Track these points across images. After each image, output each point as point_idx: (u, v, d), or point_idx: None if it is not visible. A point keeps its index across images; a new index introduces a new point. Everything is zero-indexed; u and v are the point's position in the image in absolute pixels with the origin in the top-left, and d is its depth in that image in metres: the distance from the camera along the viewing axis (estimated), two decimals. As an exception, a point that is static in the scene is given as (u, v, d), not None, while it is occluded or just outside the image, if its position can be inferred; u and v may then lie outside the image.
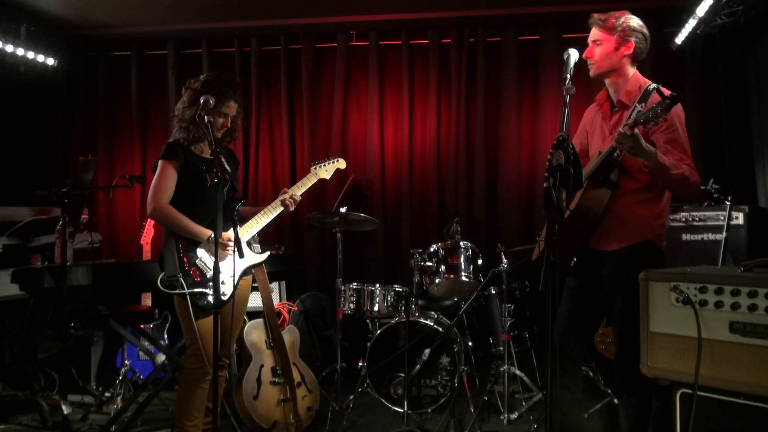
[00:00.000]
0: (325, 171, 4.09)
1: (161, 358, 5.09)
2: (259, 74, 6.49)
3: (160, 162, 3.45)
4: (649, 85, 3.10)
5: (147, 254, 5.25)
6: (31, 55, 5.96)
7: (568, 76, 2.79)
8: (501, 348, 4.80)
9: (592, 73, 3.18)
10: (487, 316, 5.03)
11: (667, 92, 2.76)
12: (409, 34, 6.28)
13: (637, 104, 3.03)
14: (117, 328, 4.56)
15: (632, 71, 3.15)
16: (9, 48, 5.72)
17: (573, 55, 2.86)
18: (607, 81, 3.20)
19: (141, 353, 5.25)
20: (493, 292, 5.04)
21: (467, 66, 6.18)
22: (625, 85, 3.14)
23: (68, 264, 4.04)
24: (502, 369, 4.54)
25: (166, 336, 5.47)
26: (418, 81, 6.32)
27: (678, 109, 3.02)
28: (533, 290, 5.15)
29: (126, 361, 5.08)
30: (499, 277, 4.69)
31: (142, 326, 5.17)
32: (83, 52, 6.68)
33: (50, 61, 6.22)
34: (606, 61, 3.13)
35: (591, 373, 4.66)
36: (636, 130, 2.75)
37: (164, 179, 3.42)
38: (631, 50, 3.10)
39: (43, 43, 6.08)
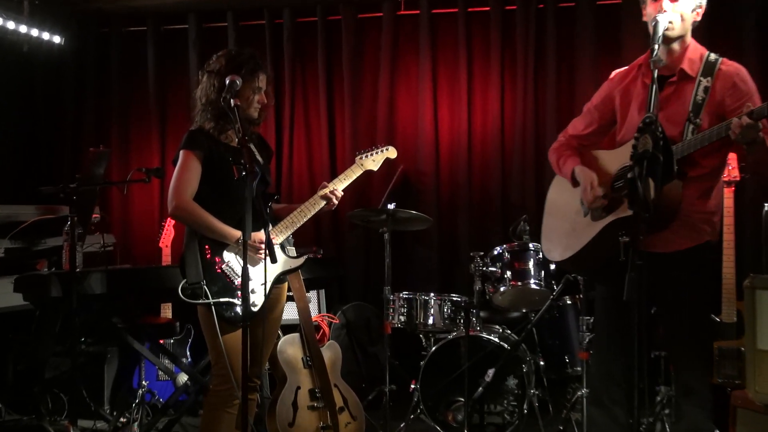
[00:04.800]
0: (373, 161, 4.05)
1: (183, 378, 5.15)
2: (293, 50, 6.53)
3: (181, 152, 3.48)
4: (709, 54, 3.06)
5: (167, 258, 5.32)
6: (35, 32, 6.04)
7: (656, 46, 2.75)
8: (578, 368, 4.75)
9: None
10: (561, 330, 4.98)
11: None
12: (467, 0, 6.25)
13: (701, 77, 2.99)
14: (133, 344, 4.62)
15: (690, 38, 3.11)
16: (11, 24, 5.79)
17: (661, 21, 2.82)
18: (663, 46, 3.11)
19: (160, 373, 5.32)
20: (569, 302, 4.98)
21: (535, 37, 6.10)
22: (685, 51, 3.08)
23: (78, 270, 4.12)
24: (579, 393, 4.49)
25: (188, 353, 5.53)
26: (477, 55, 6.27)
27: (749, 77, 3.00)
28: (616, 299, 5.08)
29: (144, 382, 5.15)
30: (575, 284, 4.64)
31: (161, 341, 5.23)
32: (94, 29, 6.79)
33: (57, 39, 6.30)
34: (683, 25, 3.07)
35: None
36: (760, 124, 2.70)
37: (187, 172, 3.44)
38: (700, 17, 3.07)
39: (49, 18, 6.17)
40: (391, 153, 4.16)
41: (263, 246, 3.39)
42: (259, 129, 3.81)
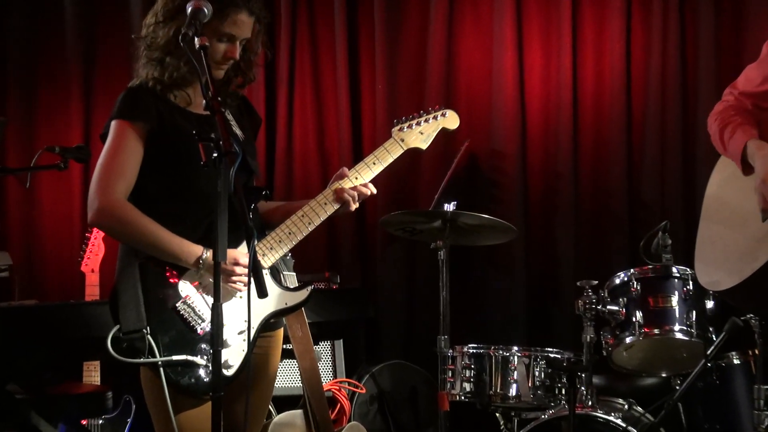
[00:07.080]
0: (420, 135, 3.97)
1: (120, 479, 5.16)
2: (295, -37, 6.56)
3: (113, 123, 3.46)
4: None
5: (93, 289, 5.33)
6: None
7: None
8: (752, 467, 4.68)
9: None
10: (725, 406, 4.92)
11: None
12: None
13: None
14: (41, 426, 4.61)
15: None
16: None
17: None
18: None
19: (84, 470, 5.34)
20: (737, 361, 4.90)
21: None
22: None
23: (-47, 309, 4.11)
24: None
25: (128, 439, 5.54)
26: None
27: None
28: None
29: (58, 485, 5.16)
30: (746, 332, 4.54)
31: (84, 422, 5.23)
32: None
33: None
34: None
35: None
36: None
37: (120, 154, 3.42)
38: None
39: None
40: (450, 121, 4.08)
41: (243, 272, 3.36)
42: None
